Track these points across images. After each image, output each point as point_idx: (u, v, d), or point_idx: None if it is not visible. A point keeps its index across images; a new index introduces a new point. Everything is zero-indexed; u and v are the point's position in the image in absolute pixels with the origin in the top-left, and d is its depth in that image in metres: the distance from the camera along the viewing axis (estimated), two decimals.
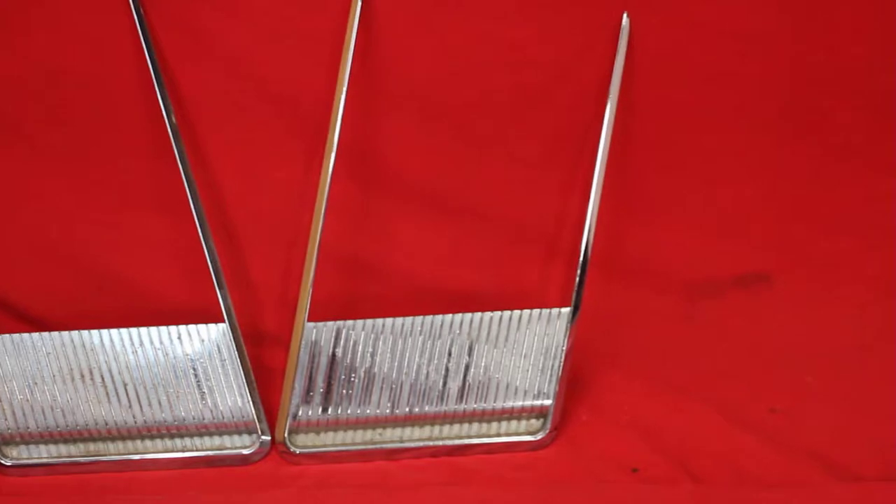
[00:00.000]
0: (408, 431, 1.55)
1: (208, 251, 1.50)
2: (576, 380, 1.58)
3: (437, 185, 1.62)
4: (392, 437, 1.55)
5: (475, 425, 1.55)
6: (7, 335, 1.51)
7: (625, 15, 1.51)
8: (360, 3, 1.48)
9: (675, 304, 1.69)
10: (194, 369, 1.52)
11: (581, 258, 1.51)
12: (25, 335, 1.51)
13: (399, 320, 1.51)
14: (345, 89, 1.48)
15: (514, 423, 1.55)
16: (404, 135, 1.59)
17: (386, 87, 1.56)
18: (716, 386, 1.62)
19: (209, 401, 1.53)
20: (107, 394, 1.52)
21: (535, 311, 1.52)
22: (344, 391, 1.53)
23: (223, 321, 1.51)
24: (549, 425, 1.54)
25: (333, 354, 1.52)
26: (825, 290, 1.69)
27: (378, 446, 1.54)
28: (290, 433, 1.53)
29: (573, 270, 1.65)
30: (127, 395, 1.53)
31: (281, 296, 1.66)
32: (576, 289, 1.51)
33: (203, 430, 1.54)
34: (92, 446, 1.55)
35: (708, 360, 1.66)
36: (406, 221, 1.64)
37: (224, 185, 1.61)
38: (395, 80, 1.55)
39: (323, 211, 1.49)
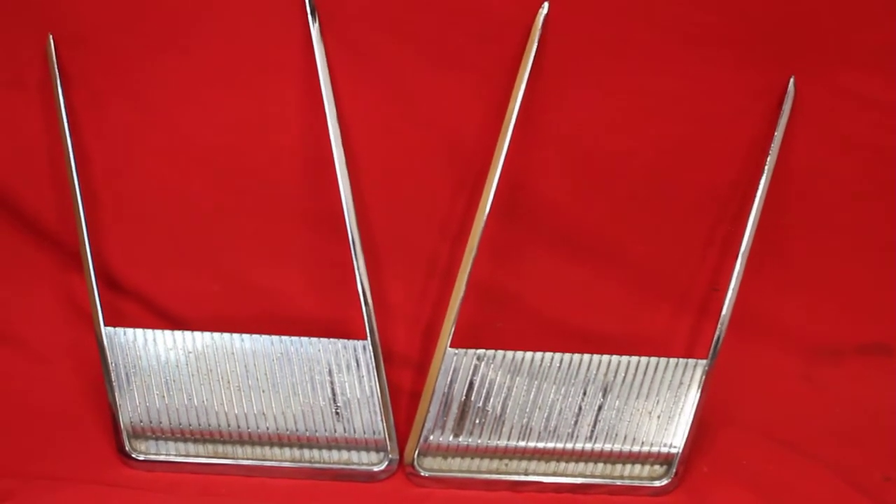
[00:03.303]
0: (533, 465, 1.57)
1: (358, 269, 1.52)
2: (698, 430, 1.60)
3: (577, 225, 1.65)
4: (517, 469, 1.57)
5: (600, 465, 1.57)
6: (150, 330, 1.53)
7: (791, 80, 1.55)
8: (535, 45, 1.51)
9: (796, 365, 1.72)
10: (332, 383, 1.54)
11: (723, 312, 1.54)
12: (168, 332, 1.54)
13: (538, 355, 1.53)
14: (511, 126, 1.51)
15: (637, 467, 1.58)
16: (553, 175, 1.61)
17: (543, 125, 1.58)
18: (831, 448, 1.64)
19: (343, 415, 1.55)
20: (242, 398, 1.54)
21: (672, 360, 1.54)
22: (477, 420, 1.55)
23: (363, 338, 1.54)
24: (673, 473, 1.56)
25: (471, 382, 1.54)
26: None
27: (503, 477, 1.56)
28: (419, 455, 1.56)
29: (701, 323, 1.69)
30: (262, 401, 1.54)
31: (413, 318, 1.69)
32: (714, 342, 1.54)
33: (333, 443, 1.56)
34: (220, 448, 1.57)
35: (824, 423, 1.68)
36: (543, 258, 1.66)
37: (372, 206, 1.63)
38: (553, 120, 1.58)
39: (477, 241, 1.51)
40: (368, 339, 1.53)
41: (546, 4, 1.51)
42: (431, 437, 1.55)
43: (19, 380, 1.65)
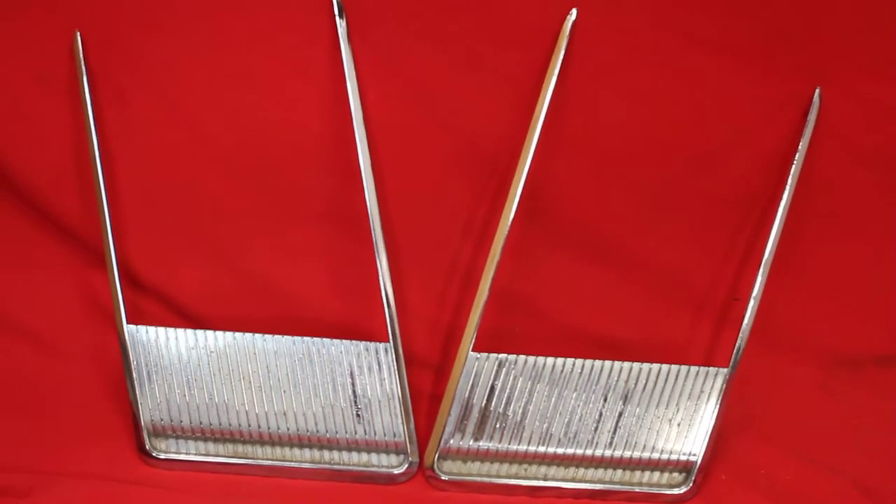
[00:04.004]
0: (552, 470, 1.57)
1: (382, 272, 1.52)
2: (716, 438, 1.60)
3: (598, 231, 1.65)
4: (536, 474, 1.57)
5: (619, 472, 1.57)
6: (172, 329, 1.53)
7: (817, 90, 1.55)
8: (563, 51, 1.51)
9: (814, 375, 1.72)
10: (353, 385, 1.54)
11: (744, 322, 1.54)
12: (189, 331, 1.54)
13: (560, 361, 1.54)
14: (538, 131, 1.51)
15: (656, 474, 1.58)
16: (575, 180, 1.62)
17: (567, 130, 1.58)
18: (849, 459, 1.64)
19: (363, 417, 1.55)
20: (263, 398, 1.54)
21: (693, 368, 1.54)
22: (497, 424, 1.55)
23: (382, 339, 1.53)
24: (692, 480, 1.57)
25: (492, 387, 1.54)
26: None
27: (522, 482, 1.56)
28: (439, 458, 1.56)
29: (720, 331, 1.70)
30: (283, 402, 1.55)
31: (433, 321, 1.69)
32: (735, 352, 1.54)
33: (353, 445, 1.56)
34: (241, 448, 1.57)
35: (842, 433, 1.68)
36: (563, 262, 1.66)
37: (393, 207, 1.63)
38: (577, 125, 1.58)
39: (501, 245, 1.52)
40: (391, 341, 1.53)
41: (574, 10, 1.51)
42: (452, 441, 1.55)
43: (40, 377, 1.64)
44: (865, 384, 1.71)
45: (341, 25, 1.52)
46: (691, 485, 1.57)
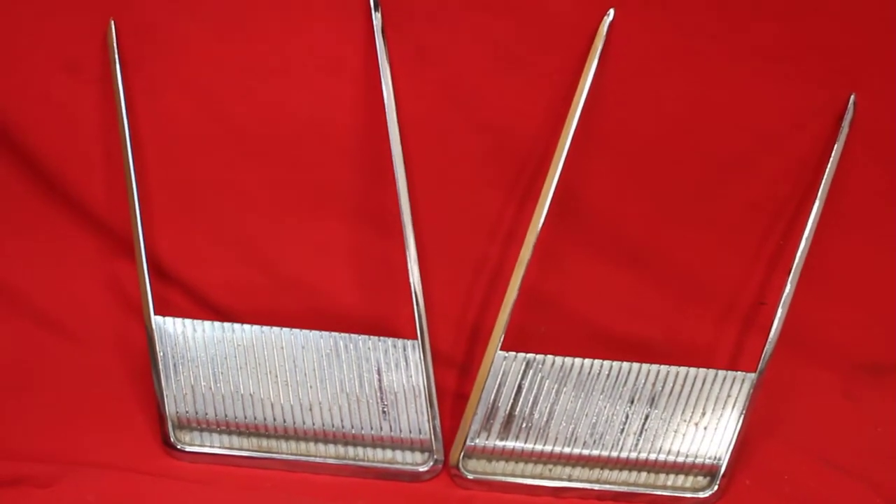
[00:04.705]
0: (577, 471, 1.57)
1: (412, 270, 1.51)
2: (742, 443, 1.60)
3: (626, 232, 1.65)
4: (561, 475, 1.57)
5: (643, 474, 1.57)
6: (199, 321, 1.53)
7: (852, 96, 1.55)
8: (599, 51, 1.51)
9: (837, 381, 1.72)
10: (379, 381, 1.54)
11: (773, 327, 1.54)
12: (217, 323, 1.53)
13: (587, 362, 1.53)
14: (572, 132, 1.51)
15: (680, 477, 1.58)
16: (605, 181, 1.61)
17: (599, 131, 1.58)
18: (872, 465, 1.63)
19: (389, 414, 1.55)
20: (289, 393, 1.54)
21: (720, 373, 1.54)
22: (524, 424, 1.54)
23: (407, 336, 1.53)
24: (716, 485, 1.56)
25: (519, 386, 1.54)
26: None
27: (546, 482, 1.56)
28: (464, 457, 1.55)
29: (745, 335, 1.70)
30: (309, 396, 1.54)
31: (459, 319, 1.68)
32: (763, 357, 1.54)
33: (378, 441, 1.56)
34: (265, 442, 1.56)
35: (864, 439, 1.68)
36: (590, 263, 1.66)
37: (422, 204, 1.62)
38: (610, 126, 1.58)
39: (532, 244, 1.51)
40: (419, 338, 1.52)
41: (612, 11, 1.51)
42: (477, 440, 1.55)
43: (66, 366, 1.64)
44: (889, 391, 1.71)
45: (376, 19, 1.52)
46: (715, 489, 1.56)
